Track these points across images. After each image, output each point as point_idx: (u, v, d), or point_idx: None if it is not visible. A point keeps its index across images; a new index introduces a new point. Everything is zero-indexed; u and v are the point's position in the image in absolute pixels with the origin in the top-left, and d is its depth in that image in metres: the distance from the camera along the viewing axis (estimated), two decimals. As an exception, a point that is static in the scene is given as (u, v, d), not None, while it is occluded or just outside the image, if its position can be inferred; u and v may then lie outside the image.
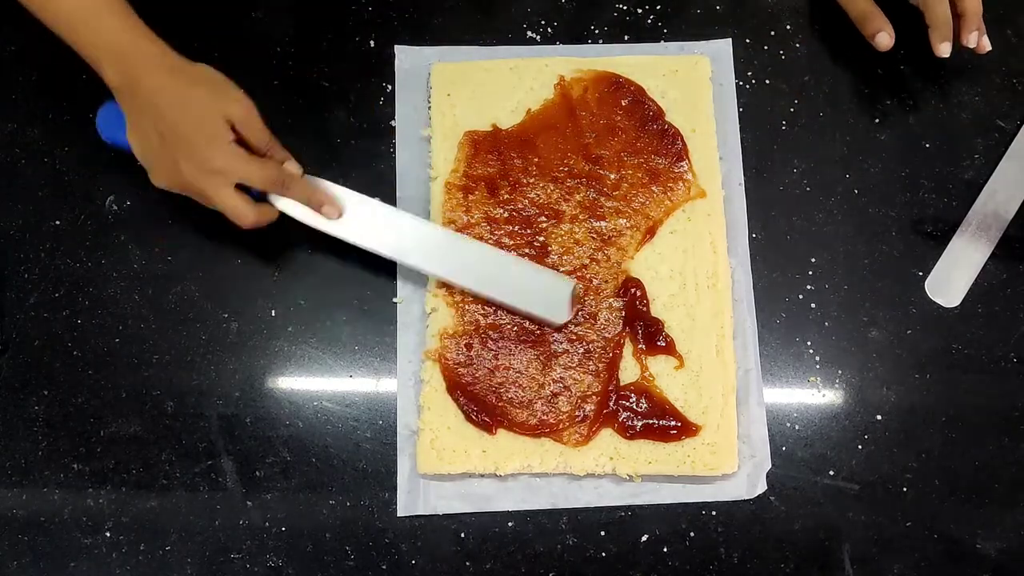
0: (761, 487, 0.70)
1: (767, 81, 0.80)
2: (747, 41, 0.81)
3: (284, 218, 0.75)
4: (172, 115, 0.65)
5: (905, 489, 0.71)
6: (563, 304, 0.69)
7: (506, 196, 0.74)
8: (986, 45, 0.75)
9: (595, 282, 0.72)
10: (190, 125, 0.65)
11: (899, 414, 0.72)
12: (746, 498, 0.70)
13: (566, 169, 0.75)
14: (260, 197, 0.69)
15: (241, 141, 0.67)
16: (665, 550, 0.69)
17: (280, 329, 0.73)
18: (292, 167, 0.70)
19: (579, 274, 0.72)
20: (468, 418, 0.69)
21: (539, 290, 0.70)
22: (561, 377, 0.70)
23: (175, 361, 0.72)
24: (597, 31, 0.81)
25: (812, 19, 0.82)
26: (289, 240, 0.75)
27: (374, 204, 0.71)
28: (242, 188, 0.67)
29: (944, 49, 0.74)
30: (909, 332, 0.74)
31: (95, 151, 0.76)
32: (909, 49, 0.80)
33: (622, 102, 0.77)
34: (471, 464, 0.69)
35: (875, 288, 0.75)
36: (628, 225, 0.74)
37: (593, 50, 0.80)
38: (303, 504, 0.69)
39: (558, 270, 0.72)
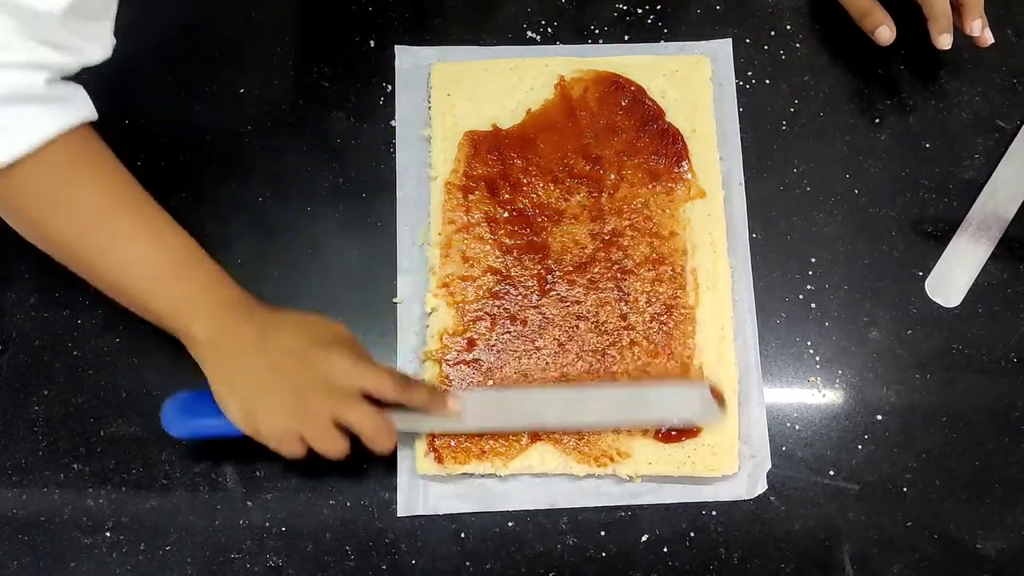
0: (761, 487, 0.70)
1: (767, 81, 0.80)
2: (747, 41, 0.81)
3: (284, 216, 0.75)
4: (286, 337, 0.62)
5: (905, 489, 0.71)
6: (711, 406, 0.68)
7: (506, 196, 0.74)
8: (989, 37, 0.75)
9: (595, 282, 0.72)
10: (307, 344, 0.62)
11: (899, 414, 0.72)
12: (746, 498, 0.70)
13: (566, 169, 0.75)
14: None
15: None
16: (665, 550, 0.69)
17: (280, 329, 0.73)
18: (403, 373, 0.67)
19: (580, 274, 0.72)
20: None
21: (679, 402, 0.68)
22: (563, 378, 0.70)
23: (175, 361, 0.72)
24: (597, 31, 0.81)
25: (812, 19, 0.82)
26: (289, 240, 0.75)
27: (484, 392, 0.70)
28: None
29: (944, 41, 0.74)
30: (909, 332, 0.74)
31: (95, 151, 0.76)
32: (909, 49, 0.80)
33: (622, 102, 0.77)
34: (471, 464, 0.69)
35: (875, 288, 0.75)
36: (628, 225, 0.74)
37: (593, 50, 0.80)
38: (303, 504, 0.69)
39: (559, 270, 0.72)
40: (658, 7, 0.82)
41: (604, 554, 0.69)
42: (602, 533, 0.69)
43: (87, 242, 0.61)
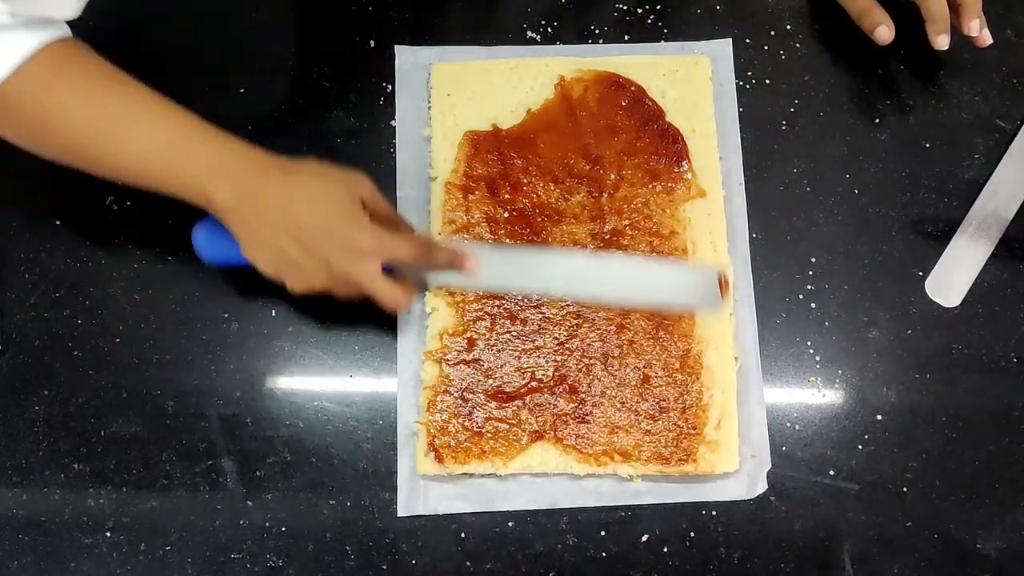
0: (761, 487, 0.70)
1: (767, 81, 0.80)
2: (747, 41, 0.81)
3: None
4: (305, 208, 0.62)
5: (905, 489, 0.71)
6: (714, 293, 0.70)
7: (506, 196, 0.74)
8: (987, 38, 0.75)
9: (595, 282, 0.73)
10: (328, 215, 0.63)
11: (899, 414, 0.72)
12: (746, 498, 0.70)
13: (566, 169, 0.75)
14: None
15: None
16: (665, 550, 0.69)
17: (280, 329, 0.73)
18: (423, 235, 0.68)
19: (579, 274, 0.73)
20: (467, 418, 0.69)
21: (686, 284, 0.71)
22: (563, 378, 0.70)
23: (175, 361, 0.72)
24: (597, 31, 0.81)
25: (812, 19, 0.82)
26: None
27: (498, 249, 0.72)
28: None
29: (942, 41, 0.74)
30: (909, 332, 0.74)
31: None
32: (909, 49, 0.80)
33: (622, 102, 0.77)
34: (471, 464, 0.69)
35: (875, 288, 0.75)
36: (628, 225, 0.74)
37: (593, 50, 0.80)
38: (303, 504, 0.69)
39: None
40: (658, 7, 0.82)
41: (604, 554, 0.69)
42: (602, 533, 0.69)
43: (91, 133, 0.61)
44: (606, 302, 0.71)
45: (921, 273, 0.76)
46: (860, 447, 0.72)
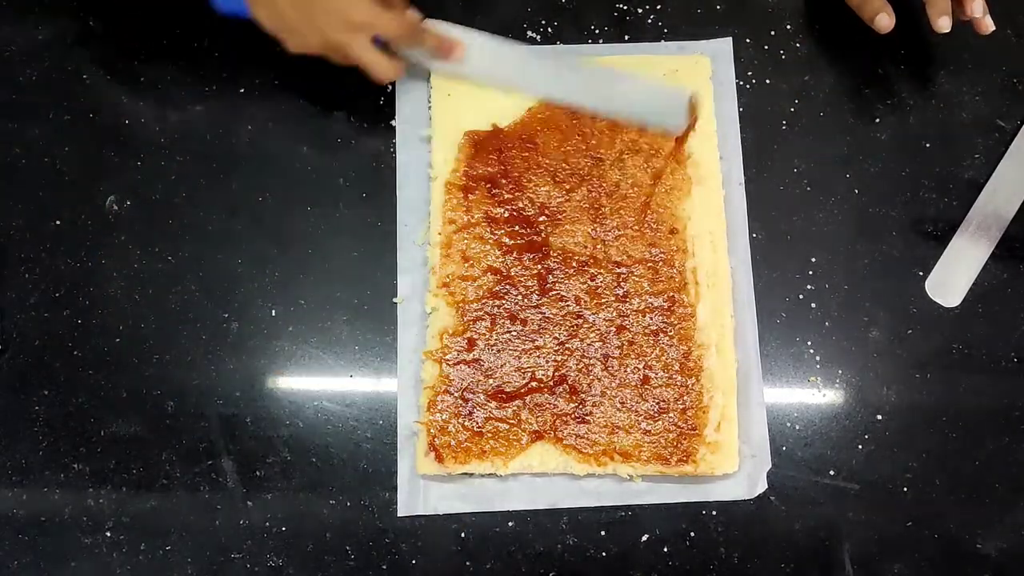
0: (761, 487, 0.70)
1: (767, 81, 0.80)
2: (747, 41, 0.81)
3: (284, 216, 0.75)
4: None
5: (905, 489, 0.71)
6: (680, 111, 0.74)
7: (507, 196, 0.74)
8: (990, 24, 0.74)
9: (597, 282, 0.72)
10: None
11: (899, 414, 0.72)
12: (746, 498, 0.70)
13: (567, 169, 0.75)
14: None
15: None
16: (665, 550, 0.69)
17: (280, 329, 0.73)
18: (414, 16, 0.73)
19: (580, 274, 0.72)
20: (467, 418, 0.69)
21: (656, 100, 0.75)
22: (563, 378, 0.70)
23: (175, 361, 0.72)
24: (597, 31, 0.81)
25: (812, 19, 0.82)
26: (289, 240, 0.75)
27: (494, 40, 0.76)
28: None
29: (943, 23, 0.73)
30: (909, 332, 0.74)
31: (95, 151, 0.76)
32: (909, 49, 0.80)
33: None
34: (471, 464, 0.69)
35: (875, 288, 0.75)
36: (628, 225, 0.74)
37: (593, 50, 0.80)
38: (303, 504, 0.69)
39: (559, 270, 0.72)
40: (658, 7, 0.82)
41: (604, 554, 0.69)
42: (602, 533, 0.69)
43: None
44: (581, 106, 0.74)
45: (921, 273, 0.76)
46: (860, 447, 0.72)
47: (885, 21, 0.74)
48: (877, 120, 0.79)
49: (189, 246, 0.75)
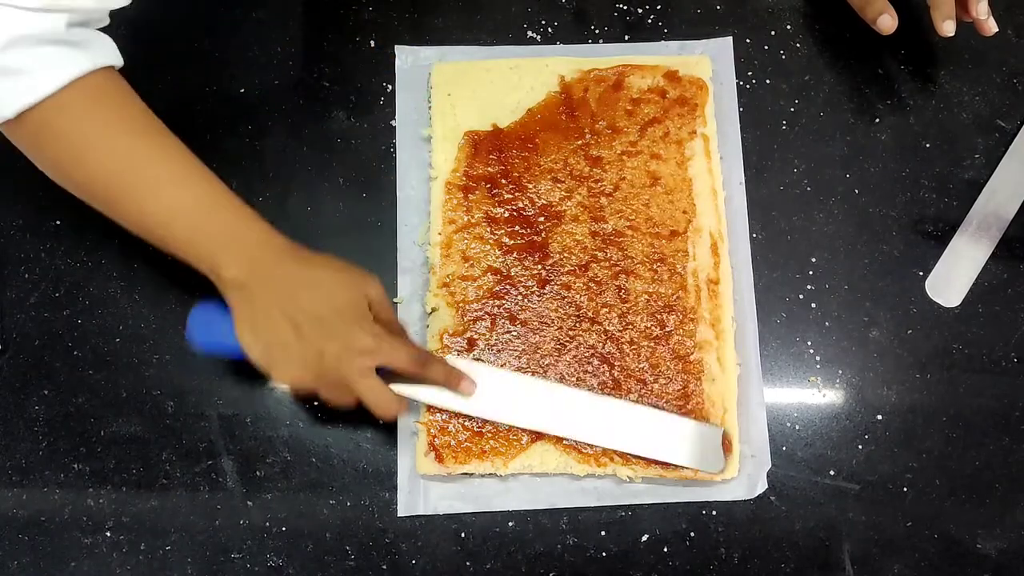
0: (761, 487, 0.70)
1: (767, 81, 0.80)
2: (747, 41, 0.81)
3: (284, 216, 0.75)
4: (314, 304, 0.61)
5: (905, 489, 0.71)
6: (717, 453, 0.68)
7: (507, 196, 0.74)
8: (993, 26, 0.74)
9: (596, 283, 0.72)
10: (333, 308, 0.62)
11: (899, 414, 0.72)
12: (746, 498, 0.70)
13: (567, 169, 0.75)
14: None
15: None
16: (665, 550, 0.69)
17: (280, 329, 0.73)
18: (421, 347, 0.67)
19: (580, 275, 0.72)
20: (467, 418, 0.69)
21: (690, 441, 0.69)
22: (563, 378, 0.70)
23: (175, 361, 0.72)
24: (597, 31, 0.81)
25: (812, 19, 0.82)
26: (289, 239, 0.75)
27: (506, 375, 0.69)
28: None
29: (947, 28, 0.73)
30: (909, 332, 0.74)
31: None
32: (909, 49, 0.80)
33: (622, 102, 0.77)
34: (471, 464, 0.69)
35: (875, 288, 0.75)
36: (628, 225, 0.74)
37: (593, 50, 0.80)
38: (303, 504, 0.69)
39: (559, 271, 0.72)
40: (658, 7, 0.82)
41: (604, 554, 0.69)
42: (602, 533, 0.69)
43: (115, 184, 0.61)
44: (605, 447, 0.68)
45: (921, 273, 0.76)
46: (860, 447, 0.72)
47: (888, 22, 0.74)
48: (877, 120, 0.79)
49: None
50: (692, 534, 0.69)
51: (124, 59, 0.63)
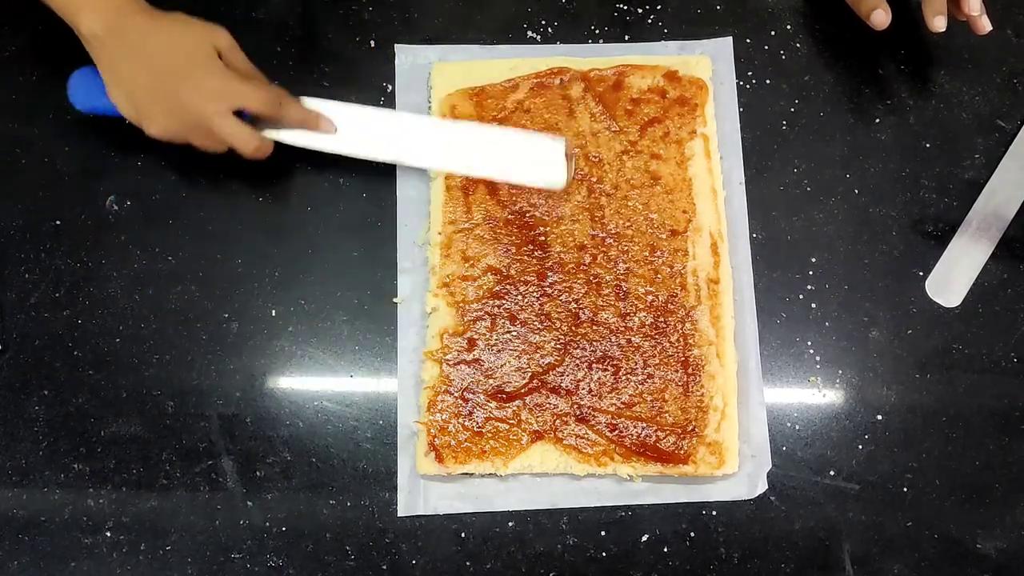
0: (761, 487, 0.70)
1: (767, 81, 0.80)
2: (747, 41, 0.81)
3: (284, 216, 0.75)
4: (163, 50, 0.66)
5: (905, 489, 0.71)
6: (559, 166, 0.72)
7: (506, 196, 0.74)
8: (987, 24, 0.74)
9: (596, 282, 0.72)
10: (183, 56, 0.66)
11: (899, 414, 0.72)
12: (746, 498, 0.70)
13: (566, 169, 0.75)
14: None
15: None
16: (665, 550, 0.69)
17: (280, 329, 0.73)
18: (278, 89, 0.71)
19: (580, 274, 0.72)
20: (467, 418, 0.69)
21: (534, 158, 0.72)
22: (563, 377, 0.70)
23: (175, 361, 0.72)
24: (597, 31, 0.81)
25: (812, 19, 0.82)
26: (289, 240, 0.75)
27: (362, 110, 0.73)
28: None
29: (938, 23, 0.73)
30: (909, 332, 0.74)
31: (95, 151, 0.76)
32: (909, 49, 0.80)
33: (622, 102, 0.77)
34: (471, 464, 0.69)
35: (875, 288, 0.75)
36: (628, 225, 0.74)
37: (593, 50, 0.80)
38: (303, 504, 0.69)
39: (559, 270, 0.73)
40: (658, 7, 0.82)
41: (604, 554, 0.69)
42: (602, 533, 0.69)
43: None
44: (457, 170, 0.73)
45: (921, 273, 0.76)
46: (860, 447, 0.72)
47: (881, 17, 0.74)
48: (877, 120, 0.79)
49: (189, 246, 0.75)
50: (692, 534, 0.69)
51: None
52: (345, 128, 0.72)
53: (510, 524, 0.69)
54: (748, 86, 0.80)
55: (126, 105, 0.68)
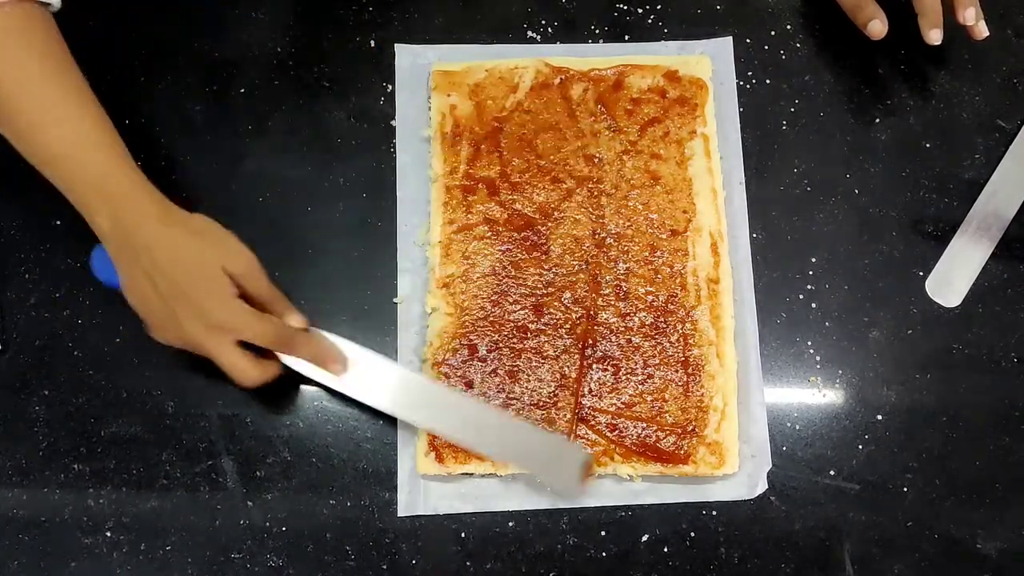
0: (761, 487, 0.70)
1: (767, 81, 0.80)
2: (747, 41, 0.81)
3: (284, 216, 0.75)
4: (169, 268, 0.61)
5: (905, 489, 0.71)
6: (573, 476, 0.67)
7: (506, 196, 0.74)
8: (983, 30, 0.75)
9: (596, 282, 0.72)
10: (189, 278, 0.61)
11: (899, 414, 0.72)
12: (746, 498, 0.70)
13: (566, 169, 0.75)
14: (263, 351, 0.66)
15: (243, 296, 0.64)
16: (665, 550, 0.69)
17: (280, 329, 0.73)
18: (295, 321, 0.67)
19: (580, 275, 0.72)
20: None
21: (550, 458, 0.67)
22: (563, 377, 0.70)
23: (175, 361, 0.72)
24: (597, 31, 0.81)
25: (812, 19, 0.82)
26: (289, 240, 0.75)
27: (375, 359, 0.69)
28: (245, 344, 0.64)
29: (934, 36, 0.74)
30: (909, 332, 0.74)
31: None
32: (909, 49, 0.80)
33: (622, 102, 0.77)
34: (471, 464, 0.69)
35: (875, 288, 0.75)
36: (628, 225, 0.74)
37: (593, 50, 0.80)
38: (303, 504, 0.69)
39: (559, 271, 0.73)
40: (658, 7, 0.82)
41: (604, 554, 0.69)
42: (602, 533, 0.69)
43: (14, 112, 0.60)
44: (467, 445, 0.68)
45: (921, 273, 0.76)
46: (860, 447, 0.72)
47: (878, 27, 0.75)
48: (877, 120, 0.79)
49: (189, 246, 0.74)
50: (692, 534, 0.69)
51: (122, 58, 0.63)
52: (355, 370, 0.68)
53: (510, 524, 0.69)
54: (748, 86, 0.80)
55: (133, 303, 0.64)
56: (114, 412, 0.71)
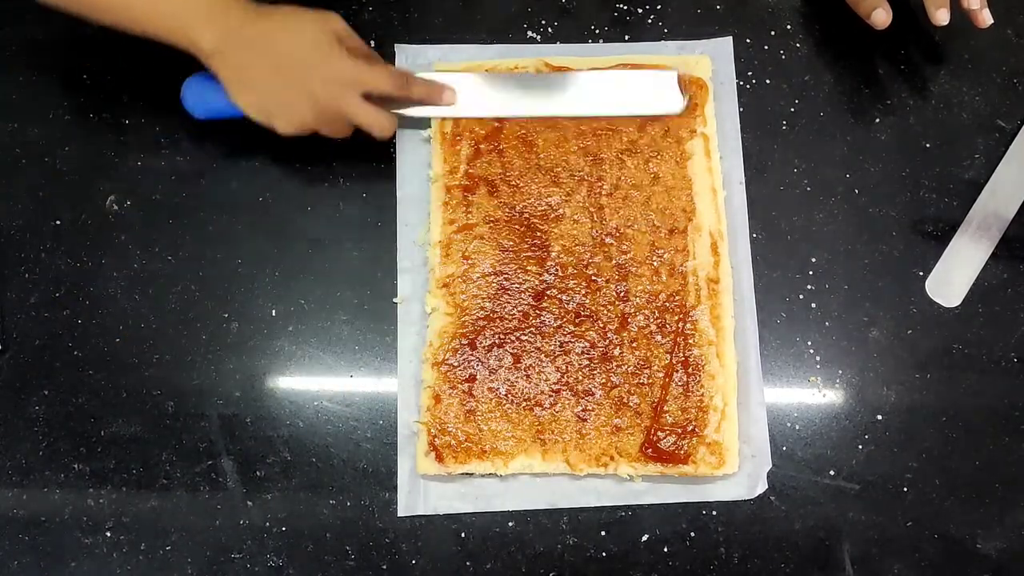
0: (761, 487, 0.70)
1: (767, 81, 0.80)
2: (747, 41, 0.81)
3: (284, 216, 0.75)
4: (288, 48, 0.67)
5: (905, 489, 0.71)
6: (675, 92, 0.76)
7: (507, 196, 0.74)
8: (987, 18, 0.74)
9: (596, 281, 0.72)
10: (308, 48, 0.67)
11: (899, 414, 0.72)
12: (746, 498, 0.70)
13: (567, 169, 0.75)
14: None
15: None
16: (665, 550, 0.69)
17: (280, 329, 0.73)
18: (400, 69, 0.73)
19: (580, 274, 0.72)
20: (467, 418, 0.69)
21: (649, 90, 0.76)
22: (563, 377, 0.70)
23: (175, 361, 0.72)
24: (597, 31, 0.81)
25: (812, 19, 0.82)
26: (289, 240, 0.75)
27: (471, 77, 0.76)
28: None
29: (941, 16, 0.73)
30: (909, 332, 0.74)
31: (95, 151, 0.76)
32: (909, 49, 0.80)
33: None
34: (471, 464, 0.69)
35: (875, 288, 0.75)
36: (628, 224, 0.74)
37: (593, 50, 0.80)
38: (303, 504, 0.69)
39: (559, 270, 0.73)
40: (658, 7, 0.82)
41: (604, 554, 0.69)
42: (602, 533, 0.69)
43: None
44: (580, 115, 0.75)
45: (921, 273, 0.76)
46: (860, 447, 0.72)
47: (882, 17, 0.74)
48: (877, 120, 0.79)
49: (189, 246, 0.75)
50: (692, 534, 0.69)
51: (122, 59, 0.63)
52: (466, 94, 0.75)
53: (510, 524, 0.69)
54: (748, 86, 0.80)
55: (255, 109, 0.69)
56: (114, 412, 0.71)
